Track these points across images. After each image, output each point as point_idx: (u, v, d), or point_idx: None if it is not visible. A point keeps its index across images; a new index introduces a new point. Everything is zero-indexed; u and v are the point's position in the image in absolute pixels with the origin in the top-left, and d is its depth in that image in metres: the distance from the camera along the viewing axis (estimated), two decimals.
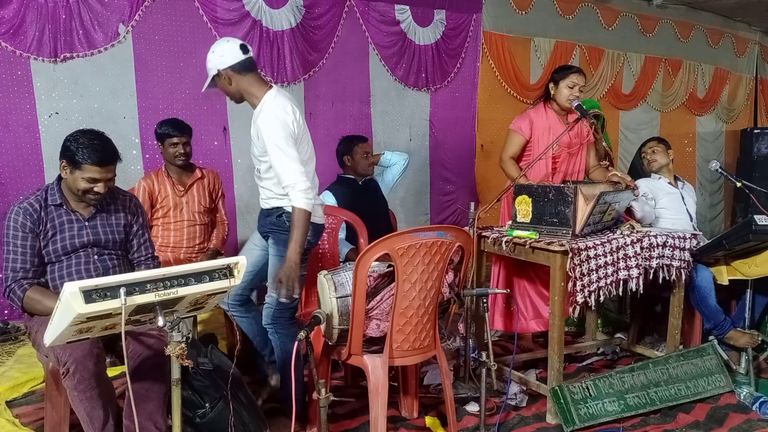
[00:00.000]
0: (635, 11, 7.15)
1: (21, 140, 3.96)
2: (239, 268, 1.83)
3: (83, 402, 2.07)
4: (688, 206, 3.60)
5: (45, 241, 2.28)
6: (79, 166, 2.23)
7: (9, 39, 3.85)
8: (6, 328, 3.82)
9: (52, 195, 2.32)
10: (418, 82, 5.63)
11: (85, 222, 2.34)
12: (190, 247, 3.50)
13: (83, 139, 2.24)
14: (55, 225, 2.29)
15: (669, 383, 2.92)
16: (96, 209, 2.37)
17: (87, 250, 2.35)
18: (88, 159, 2.21)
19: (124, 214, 2.45)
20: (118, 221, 2.43)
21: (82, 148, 2.22)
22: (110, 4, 4.14)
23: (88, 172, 2.23)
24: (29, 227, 2.25)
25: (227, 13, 4.59)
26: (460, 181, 6.00)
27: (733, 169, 7.91)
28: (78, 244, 2.32)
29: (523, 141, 3.36)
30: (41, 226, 2.27)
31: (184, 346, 1.72)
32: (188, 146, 3.45)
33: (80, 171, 2.23)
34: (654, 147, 3.70)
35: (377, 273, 2.39)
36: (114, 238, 2.40)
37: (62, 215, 2.31)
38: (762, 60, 8.94)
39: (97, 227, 2.37)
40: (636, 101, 7.36)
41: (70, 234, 2.31)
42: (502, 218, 3.54)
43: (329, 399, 2.23)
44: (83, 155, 2.21)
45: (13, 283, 2.22)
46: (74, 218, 2.33)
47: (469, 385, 3.08)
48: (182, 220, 3.46)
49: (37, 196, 2.32)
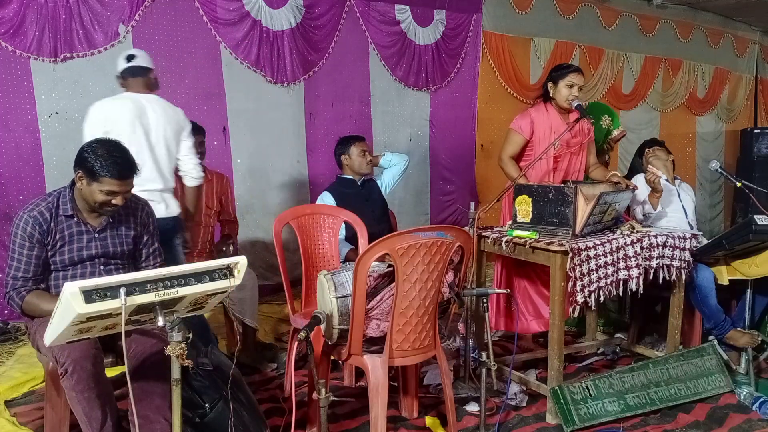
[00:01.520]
0: (635, 11, 7.15)
1: (21, 140, 3.97)
2: (239, 268, 1.83)
3: (81, 402, 2.07)
4: (684, 203, 3.58)
5: (53, 251, 2.26)
6: (98, 179, 2.17)
7: (9, 39, 3.86)
8: (6, 328, 3.83)
9: (64, 204, 2.27)
10: (418, 82, 5.63)
11: (95, 234, 2.32)
12: (193, 247, 3.43)
13: (102, 150, 2.18)
14: (65, 236, 2.27)
15: (669, 383, 2.92)
16: (107, 220, 2.34)
17: (94, 261, 2.34)
18: (107, 172, 2.16)
19: (134, 225, 2.42)
20: (128, 232, 2.40)
21: (101, 161, 2.16)
22: (110, 4, 4.15)
23: (106, 185, 2.18)
24: (37, 238, 2.22)
25: (227, 13, 4.59)
26: (460, 181, 6.01)
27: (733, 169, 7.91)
28: (86, 256, 2.31)
29: (523, 140, 3.36)
30: (50, 237, 2.24)
31: (184, 346, 1.72)
32: (203, 146, 3.41)
33: (98, 183, 2.18)
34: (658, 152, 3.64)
35: (377, 273, 2.39)
36: (123, 249, 2.39)
37: (72, 226, 2.28)
38: (762, 60, 8.95)
39: (107, 239, 2.34)
40: (636, 101, 7.36)
41: (79, 246, 2.29)
42: (502, 218, 3.54)
43: (329, 399, 2.23)
44: (102, 168, 2.15)
45: (12, 291, 2.22)
46: (84, 230, 2.29)
47: (469, 385, 3.08)
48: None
49: (48, 203, 2.25)
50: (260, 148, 4.82)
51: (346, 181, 3.64)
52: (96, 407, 2.09)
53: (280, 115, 4.92)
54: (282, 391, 3.05)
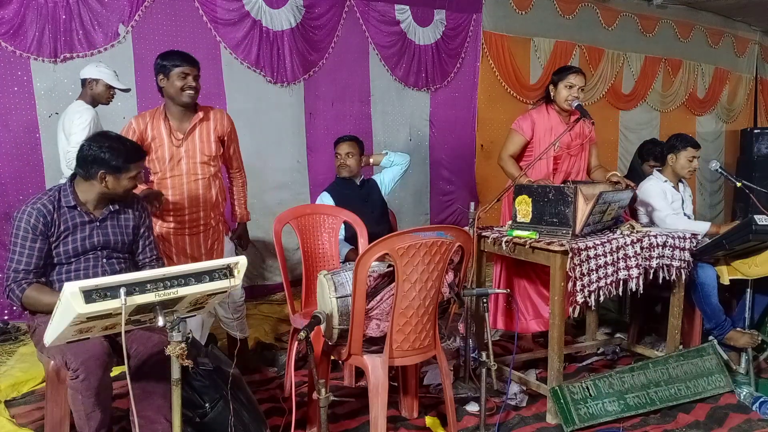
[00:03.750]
0: (635, 11, 7.15)
1: (21, 140, 3.97)
2: (239, 268, 1.83)
3: (84, 404, 2.08)
4: (686, 209, 3.60)
5: (56, 242, 2.28)
6: (126, 168, 2.29)
7: (9, 39, 3.86)
8: (6, 328, 3.83)
9: (66, 196, 2.31)
10: (418, 82, 5.63)
11: (97, 222, 2.35)
12: (194, 207, 2.96)
13: (109, 142, 2.29)
14: (69, 226, 2.29)
15: (669, 383, 2.92)
16: (108, 210, 2.39)
17: (96, 253, 2.36)
18: (131, 158, 2.30)
19: (133, 216, 2.47)
20: (128, 222, 2.45)
21: (118, 151, 2.27)
22: (110, 4, 4.15)
23: (133, 170, 2.33)
24: (40, 229, 2.24)
25: (227, 13, 4.59)
26: (459, 181, 6.00)
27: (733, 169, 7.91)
28: (89, 246, 2.33)
29: (523, 141, 3.36)
30: (53, 227, 2.26)
31: (184, 346, 1.72)
32: (198, 81, 2.93)
33: (126, 173, 2.31)
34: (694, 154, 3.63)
35: (377, 273, 2.39)
36: (123, 239, 2.42)
37: (75, 217, 2.31)
38: (762, 60, 8.95)
39: (107, 228, 2.38)
40: (636, 101, 7.37)
41: (82, 236, 2.32)
42: (502, 218, 3.54)
43: (329, 399, 2.23)
44: (126, 157, 2.28)
45: (12, 283, 2.22)
46: (87, 220, 2.33)
47: (469, 385, 3.08)
48: (180, 175, 2.92)
49: (50, 196, 2.30)
50: (260, 148, 4.82)
51: (343, 181, 3.65)
52: (97, 409, 2.10)
53: (280, 115, 4.92)
54: (282, 391, 3.05)
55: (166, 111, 2.91)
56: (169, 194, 2.92)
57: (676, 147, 3.55)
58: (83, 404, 2.08)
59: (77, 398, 2.08)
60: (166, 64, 2.86)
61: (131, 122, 2.91)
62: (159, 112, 2.91)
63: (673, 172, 3.58)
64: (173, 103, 2.90)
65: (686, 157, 3.52)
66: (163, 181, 2.92)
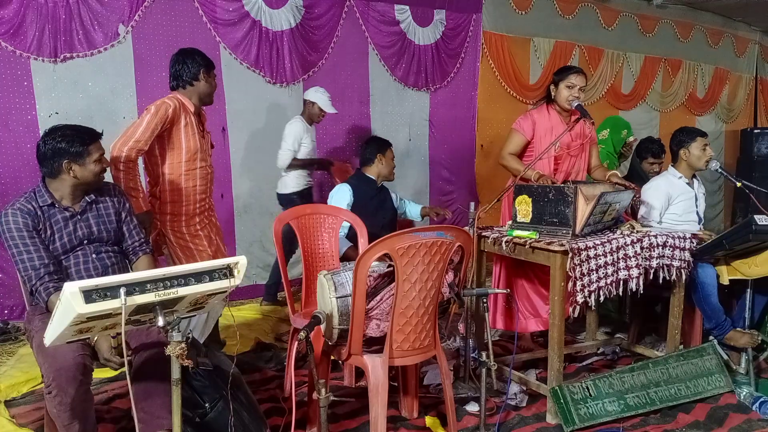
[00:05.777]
0: (635, 11, 7.15)
1: (21, 140, 3.97)
2: (239, 268, 1.83)
3: (60, 417, 2.07)
4: (699, 209, 3.58)
5: (46, 242, 2.27)
6: (87, 152, 2.28)
7: (9, 39, 3.86)
8: (6, 328, 3.83)
9: (41, 196, 2.29)
10: (418, 82, 5.63)
11: (78, 215, 2.34)
12: (204, 198, 3.13)
13: (62, 131, 2.28)
14: (52, 224, 2.29)
15: (669, 383, 2.92)
16: (86, 202, 2.37)
17: (84, 249, 2.35)
18: (87, 140, 2.28)
19: (111, 203, 2.46)
20: (108, 210, 2.44)
21: (73, 137, 2.26)
22: (110, 4, 4.15)
23: (95, 152, 2.31)
24: (32, 225, 2.23)
25: (227, 13, 4.59)
26: (459, 180, 6.01)
27: (733, 169, 7.91)
28: (75, 240, 2.33)
29: (523, 140, 3.37)
30: (41, 225, 2.26)
31: (184, 346, 1.72)
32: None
33: (89, 156, 2.29)
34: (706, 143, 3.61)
35: (377, 273, 2.39)
36: (107, 228, 2.41)
37: (56, 214, 2.31)
38: (762, 60, 8.95)
39: (89, 219, 2.37)
40: (635, 101, 7.37)
41: (67, 231, 2.31)
42: (502, 218, 3.54)
43: (329, 399, 2.23)
44: (82, 140, 2.27)
45: (37, 282, 2.19)
46: (68, 215, 2.33)
47: (469, 385, 3.08)
48: (205, 166, 3.07)
49: (26, 198, 2.28)
50: (259, 148, 4.82)
51: (367, 179, 3.65)
52: (75, 421, 2.09)
53: (279, 116, 4.92)
54: (282, 391, 3.05)
55: (188, 105, 2.98)
56: (198, 184, 3.03)
57: (685, 141, 3.52)
58: (59, 417, 2.07)
59: (53, 411, 2.08)
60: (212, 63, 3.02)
61: (167, 103, 2.85)
62: (185, 104, 2.95)
63: (689, 166, 3.54)
64: (200, 101, 3.03)
65: (698, 148, 3.49)
66: (192, 171, 3.00)
